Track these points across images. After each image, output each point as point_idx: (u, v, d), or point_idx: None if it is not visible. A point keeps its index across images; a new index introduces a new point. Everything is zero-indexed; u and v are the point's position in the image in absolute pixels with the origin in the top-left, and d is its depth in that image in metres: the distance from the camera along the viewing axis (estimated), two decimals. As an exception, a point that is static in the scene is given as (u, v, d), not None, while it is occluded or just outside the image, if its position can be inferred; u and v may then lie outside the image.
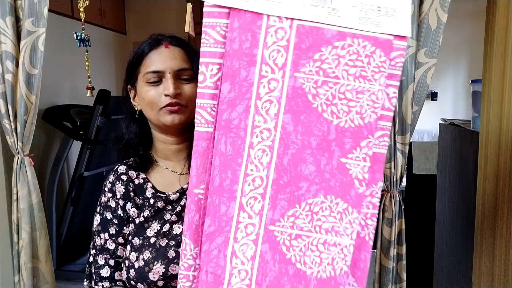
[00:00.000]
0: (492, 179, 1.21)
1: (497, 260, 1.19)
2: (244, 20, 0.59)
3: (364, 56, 0.59)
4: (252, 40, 0.59)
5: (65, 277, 2.92)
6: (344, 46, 0.59)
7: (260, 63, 0.59)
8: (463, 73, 5.03)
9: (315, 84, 0.60)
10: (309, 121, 0.60)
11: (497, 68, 1.18)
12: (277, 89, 0.60)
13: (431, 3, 1.24)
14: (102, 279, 0.91)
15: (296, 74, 0.59)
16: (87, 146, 2.86)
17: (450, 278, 1.72)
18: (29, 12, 1.50)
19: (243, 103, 0.60)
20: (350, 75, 0.60)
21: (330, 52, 0.59)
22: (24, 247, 1.66)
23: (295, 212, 0.61)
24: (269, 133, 0.60)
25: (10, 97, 1.55)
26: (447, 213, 1.76)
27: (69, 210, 2.96)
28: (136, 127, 0.95)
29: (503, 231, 1.16)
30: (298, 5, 0.58)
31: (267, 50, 0.59)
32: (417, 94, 1.31)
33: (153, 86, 0.87)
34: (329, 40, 0.59)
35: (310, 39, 0.59)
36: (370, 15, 0.59)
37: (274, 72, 0.59)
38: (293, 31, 0.59)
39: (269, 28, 0.59)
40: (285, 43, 0.59)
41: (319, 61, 0.59)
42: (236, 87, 0.60)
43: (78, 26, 1.98)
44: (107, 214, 0.93)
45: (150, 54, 0.89)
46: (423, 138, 4.85)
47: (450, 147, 1.74)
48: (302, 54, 0.59)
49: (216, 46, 0.61)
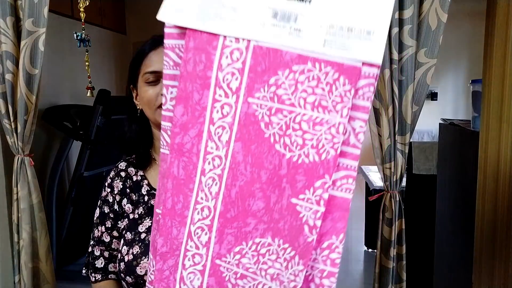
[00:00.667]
0: (492, 179, 1.21)
1: (497, 260, 1.19)
2: (199, 41, 0.55)
3: (325, 84, 0.52)
4: (207, 61, 0.55)
5: (65, 277, 2.92)
6: (303, 70, 0.52)
7: (214, 86, 0.55)
8: (463, 73, 5.04)
9: (269, 111, 0.54)
10: (260, 152, 0.55)
11: (497, 68, 1.18)
12: (230, 115, 0.55)
13: (431, 3, 1.24)
14: (97, 270, 0.98)
15: (250, 99, 0.54)
16: (87, 146, 2.86)
17: (450, 278, 1.72)
18: (29, 12, 1.50)
19: (196, 127, 0.56)
20: (308, 103, 0.53)
21: (287, 77, 0.53)
22: (24, 247, 1.66)
23: (242, 250, 0.57)
24: (220, 161, 0.56)
25: (10, 97, 1.55)
26: (447, 213, 1.76)
27: (69, 210, 2.96)
28: (136, 126, 0.98)
29: (503, 231, 1.16)
30: (257, 25, 0.53)
31: (221, 72, 0.55)
32: (417, 94, 1.31)
33: (152, 86, 0.89)
34: (287, 63, 0.53)
35: (267, 62, 0.53)
36: (339, 37, 0.52)
37: (228, 96, 0.55)
38: (250, 52, 0.54)
39: (224, 48, 0.54)
40: (240, 65, 0.54)
41: (275, 86, 0.53)
42: (189, 110, 0.56)
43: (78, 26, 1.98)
44: (105, 208, 0.98)
45: (149, 54, 0.92)
46: (423, 138, 4.85)
47: (450, 147, 1.74)
48: (257, 78, 0.54)
49: (175, 68, 0.58)
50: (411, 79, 1.29)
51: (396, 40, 1.26)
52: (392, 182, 1.37)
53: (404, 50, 1.27)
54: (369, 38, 0.52)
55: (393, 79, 1.28)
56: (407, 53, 1.27)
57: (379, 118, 1.34)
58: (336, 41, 0.52)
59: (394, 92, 1.29)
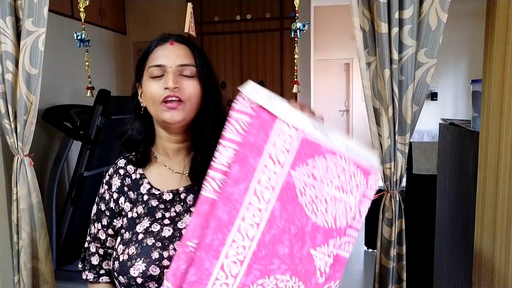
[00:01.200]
0: (492, 179, 1.21)
1: (497, 260, 1.19)
2: (263, 121, 0.72)
3: (347, 173, 0.72)
4: (265, 138, 0.72)
5: (65, 277, 2.92)
6: (333, 160, 0.72)
7: (266, 156, 0.72)
8: (463, 73, 5.04)
9: (305, 184, 0.72)
10: (293, 211, 0.71)
11: (497, 68, 1.18)
12: (274, 180, 0.71)
13: (431, 3, 1.24)
14: (91, 268, 0.98)
15: (292, 171, 0.72)
16: (87, 146, 2.86)
17: (450, 278, 1.72)
18: (29, 12, 1.50)
19: (245, 183, 0.71)
20: (333, 184, 0.72)
21: (321, 162, 0.72)
22: (24, 247, 1.66)
23: (264, 283, 0.71)
24: (260, 212, 0.71)
25: (10, 97, 1.55)
26: (447, 213, 1.76)
27: (69, 210, 2.96)
28: (139, 124, 0.97)
29: (503, 231, 1.16)
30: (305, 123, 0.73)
31: (274, 148, 0.72)
32: (417, 94, 1.31)
33: (155, 81, 0.89)
34: (323, 152, 0.72)
35: (308, 149, 0.72)
36: (354, 150, 0.75)
37: (275, 166, 0.72)
38: (298, 139, 0.72)
39: (280, 131, 0.72)
40: (289, 146, 0.72)
41: (312, 167, 0.72)
42: (243, 170, 0.71)
43: (78, 26, 1.98)
44: (102, 205, 0.98)
45: (155, 50, 0.92)
46: (423, 138, 4.85)
47: (450, 147, 1.74)
48: (300, 158, 0.72)
49: (236, 135, 0.73)
50: (411, 79, 1.28)
51: (396, 40, 1.26)
52: (392, 182, 1.37)
53: (404, 50, 1.27)
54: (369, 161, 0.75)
55: (393, 79, 1.28)
56: (407, 53, 1.27)
57: (379, 118, 1.34)
58: (353, 151, 0.74)
59: (394, 92, 1.29)
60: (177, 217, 0.91)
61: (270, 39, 4.12)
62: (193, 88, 0.89)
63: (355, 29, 1.30)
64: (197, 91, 0.90)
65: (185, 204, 0.93)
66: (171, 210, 0.92)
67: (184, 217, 0.91)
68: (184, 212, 0.91)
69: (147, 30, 4.45)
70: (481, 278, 1.27)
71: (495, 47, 1.18)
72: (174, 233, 0.88)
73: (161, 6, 4.35)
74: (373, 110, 1.35)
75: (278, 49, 4.13)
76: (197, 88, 0.90)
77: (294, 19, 1.52)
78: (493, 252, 1.21)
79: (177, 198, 0.93)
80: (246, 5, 4.11)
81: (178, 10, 4.25)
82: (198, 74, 0.91)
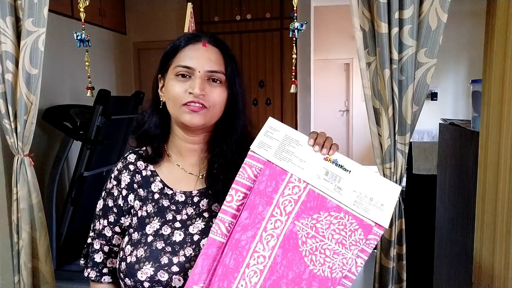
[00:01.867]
0: (492, 179, 1.21)
1: (497, 260, 1.19)
2: (273, 171, 0.79)
3: (348, 230, 0.77)
4: (275, 187, 0.78)
5: (65, 277, 2.92)
6: (337, 217, 0.77)
7: (274, 205, 0.77)
8: (463, 73, 5.03)
9: (307, 235, 0.77)
10: (293, 259, 0.76)
11: (497, 68, 1.18)
12: (279, 228, 0.77)
13: (431, 3, 1.24)
14: (94, 265, 0.94)
15: (296, 222, 0.77)
16: (87, 146, 2.86)
17: (450, 278, 1.71)
18: (29, 12, 1.50)
19: (252, 230, 0.76)
20: (334, 239, 0.77)
21: (325, 217, 0.77)
22: (24, 247, 1.66)
23: None
24: (264, 259, 0.76)
25: (10, 97, 1.55)
26: (447, 213, 1.76)
27: (69, 210, 2.96)
28: (157, 118, 0.93)
29: (503, 231, 1.16)
30: (315, 175, 0.79)
31: (282, 197, 0.78)
32: (417, 94, 1.31)
33: (181, 81, 0.85)
34: (328, 208, 0.78)
35: (315, 202, 0.78)
36: (364, 202, 0.78)
37: (281, 215, 0.77)
38: (305, 192, 0.78)
39: (289, 183, 0.78)
40: (296, 197, 0.78)
41: (315, 220, 0.77)
42: (252, 216, 0.77)
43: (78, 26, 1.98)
44: (109, 202, 0.93)
45: (186, 48, 0.87)
46: (423, 138, 4.85)
47: (450, 147, 1.74)
48: (305, 210, 0.77)
49: (248, 180, 0.80)
50: (411, 79, 1.28)
51: (396, 40, 1.26)
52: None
53: (404, 50, 1.27)
54: (382, 208, 0.78)
55: (393, 79, 1.28)
56: (407, 53, 1.27)
57: (379, 118, 1.34)
58: (362, 204, 0.78)
59: (394, 92, 1.29)
60: (189, 221, 0.88)
61: (270, 39, 4.12)
62: (218, 96, 0.87)
63: (355, 29, 1.30)
64: (222, 99, 0.88)
65: (198, 208, 0.90)
66: (183, 212, 0.89)
67: (196, 222, 0.88)
68: (196, 216, 0.89)
69: (147, 30, 4.45)
70: (481, 278, 1.27)
71: (495, 47, 1.18)
72: (185, 238, 0.86)
73: (161, 6, 4.35)
74: (373, 110, 1.35)
75: (278, 49, 4.12)
76: (223, 96, 0.88)
77: (294, 19, 1.52)
78: (493, 252, 1.21)
79: (190, 200, 0.90)
80: (246, 5, 4.11)
81: (178, 10, 4.25)
82: (226, 81, 0.88)
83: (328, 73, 6.30)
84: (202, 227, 0.87)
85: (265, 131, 0.82)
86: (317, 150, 0.81)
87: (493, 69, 1.19)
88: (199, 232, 0.87)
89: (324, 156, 0.81)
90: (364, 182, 0.80)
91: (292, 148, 0.81)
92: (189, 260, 0.83)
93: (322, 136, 0.83)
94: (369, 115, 1.36)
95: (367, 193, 0.79)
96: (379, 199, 0.79)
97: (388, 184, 0.81)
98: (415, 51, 1.27)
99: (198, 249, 0.84)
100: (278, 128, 0.83)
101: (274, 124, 0.83)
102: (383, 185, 0.80)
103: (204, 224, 0.88)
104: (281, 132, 0.82)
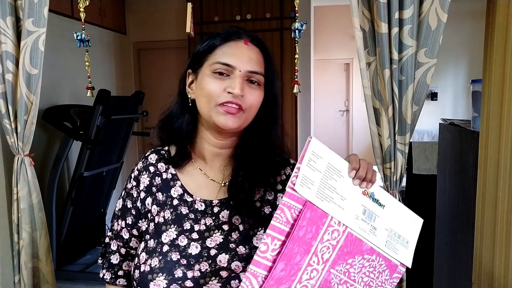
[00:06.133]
0: (492, 179, 1.21)
1: (497, 260, 1.19)
2: (314, 214, 0.70)
3: (377, 271, 0.76)
4: (315, 233, 0.71)
5: (65, 277, 2.92)
6: (369, 259, 0.76)
7: (312, 253, 0.71)
8: (463, 73, 5.03)
9: (339, 281, 0.74)
10: None
11: (497, 68, 1.18)
12: (314, 278, 0.71)
13: (431, 3, 1.24)
14: (110, 267, 0.91)
15: (331, 270, 0.73)
16: (87, 146, 2.86)
17: (450, 278, 1.72)
18: (29, 12, 1.50)
19: (287, 284, 0.69)
20: (363, 281, 0.76)
21: (359, 261, 0.75)
22: (24, 247, 1.66)
23: None
24: None
25: (10, 97, 1.55)
26: (447, 213, 1.76)
27: (69, 210, 2.96)
28: (189, 117, 0.86)
29: (503, 231, 1.16)
30: (353, 216, 0.74)
31: (321, 244, 0.71)
32: (417, 94, 1.31)
33: (218, 79, 0.79)
34: (363, 252, 0.75)
35: (351, 247, 0.74)
36: (393, 241, 0.78)
37: (318, 264, 0.72)
38: (344, 235, 0.73)
39: (329, 227, 0.72)
40: (335, 243, 0.72)
41: (349, 265, 0.74)
42: (288, 268, 0.69)
43: (78, 26, 1.98)
44: (128, 202, 0.89)
45: (226, 44, 0.82)
46: (423, 138, 4.85)
47: (450, 147, 1.74)
48: (342, 255, 0.73)
49: (286, 225, 0.69)
50: (411, 79, 1.28)
51: (396, 40, 1.26)
52: (392, 182, 1.37)
53: (404, 50, 1.27)
54: (407, 246, 0.80)
55: (393, 79, 1.28)
56: (407, 53, 1.27)
57: (379, 118, 1.34)
58: (392, 244, 0.78)
59: (394, 92, 1.29)
60: (207, 232, 0.83)
61: (270, 39, 4.12)
62: (256, 98, 0.82)
63: (355, 29, 1.30)
64: (259, 102, 0.83)
65: (217, 219, 0.84)
66: (201, 222, 0.83)
67: (214, 234, 0.82)
68: (215, 228, 0.83)
69: (147, 30, 4.45)
70: (481, 278, 1.27)
71: (495, 47, 1.18)
72: (202, 251, 0.80)
73: (161, 6, 4.35)
74: (373, 110, 1.35)
75: (278, 49, 4.12)
76: (259, 99, 0.83)
77: (294, 19, 1.52)
78: (492, 252, 1.21)
79: (209, 210, 0.85)
80: (246, 5, 4.11)
81: (178, 10, 4.25)
82: (265, 83, 0.83)
83: (328, 73, 6.30)
84: (220, 241, 0.82)
85: (308, 159, 0.70)
86: (357, 184, 0.74)
87: (493, 69, 1.19)
88: (217, 246, 0.81)
89: (363, 190, 0.75)
90: (394, 217, 0.78)
91: (334, 181, 0.72)
92: (204, 276, 0.78)
93: (364, 167, 0.75)
94: (369, 115, 1.36)
95: (396, 230, 0.78)
96: (405, 236, 0.79)
97: (412, 217, 0.81)
98: (415, 51, 1.27)
99: (214, 264, 0.79)
100: (321, 154, 0.71)
101: (317, 149, 0.71)
102: (408, 218, 0.80)
103: (223, 238, 0.82)
104: (324, 159, 0.71)
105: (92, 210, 3.22)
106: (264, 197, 0.87)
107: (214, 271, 0.78)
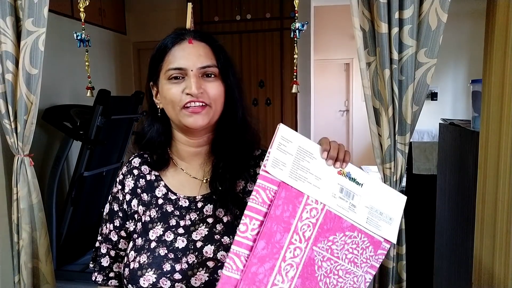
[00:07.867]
0: (492, 179, 1.21)
1: (497, 260, 1.19)
2: (290, 194, 0.73)
3: (360, 248, 0.77)
4: (292, 211, 0.73)
5: (65, 277, 2.92)
6: (351, 236, 0.77)
7: (292, 231, 0.73)
8: (463, 73, 5.03)
9: (323, 258, 0.75)
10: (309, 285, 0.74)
11: (497, 68, 1.18)
12: (298, 256, 0.73)
13: (431, 3, 1.24)
14: (101, 269, 0.94)
15: (314, 247, 0.74)
16: (87, 146, 2.86)
17: (450, 278, 1.72)
18: (29, 12, 1.50)
19: (270, 262, 0.71)
20: (347, 258, 0.77)
21: (340, 238, 0.76)
22: (24, 247, 1.66)
23: None
24: None
25: (10, 97, 1.55)
26: (447, 213, 1.76)
27: (69, 210, 2.96)
28: (159, 126, 0.91)
29: (503, 231, 1.16)
30: (330, 194, 0.75)
31: (300, 222, 0.73)
32: (417, 94, 1.31)
33: (175, 84, 0.83)
34: (343, 228, 0.76)
35: (331, 224, 0.75)
36: (375, 218, 0.78)
37: (301, 242, 0.73)
38: (323, 213, 0.75)
39: (306, 205, 0.74)
40: (314, 220, 0.74)
41: (331, 242, 0.76)
42: (269, 246, 0.71)
43: (78, 26, 1.98)
44: (115, 206, 0.93)
45: (172, 49, 0.84)
46: (423, 138, 4.85)
47: (450, 147, 1.74)
48: (323, 233, 0.75)
49: (263, 205, 0.72)
50: (411, 79, 1.28)
51: (396, 40, 1.26)
52: (392, 182, 1.37)
53: (404, 50, 1.27)
54: (390, 223, 0.79)
55: (393, 79, 1.28)
56: (407, 53, 1.27)
57: (379, 118, 1.34)
58: (373, 220, 0.78)
59: (394, 92, 1.29)
60: (192, 226, 0.86)
61: (270, 39, 4.12)
62: (216, 90, 0.84)
63: (355, 29, 1.30)
64: (221, 92, 0.85)
65: (202, 213, 0.87)
66: (186, 218, 0.87)
67: (200, 228, 0.86)
68: (199, 222, 0.86)
69: (147, 30, 4.45)
70: (481, 278, 1.27)
71: (495, 47, 1.18)
72: (188, 245, 0.84)
73: (161, 6, 4.35)
74: (373, 110, 1.35)
75: (278, 49, 4.12)
76: (220, 89, 0.85)
77: (294, 19, 1.52)
78: (493, 252, 1.21)
79: (193, 206, 0.88)
80: (246, 5, 4.11)
81: (178, 10, 4.25)
82: (220, 74, 0.85)
83: (328, 73, 6.30)
84: (205, 233, 0.85)
85: (278, 143, 0.73)
86: (331, 164, 0.76)
87: (493, 69, 1.19)
88: (202, 238, 0.84)
89: (338, 170, 0.77)
90: (374, 195, 0.79)
91: (307, 163, 0.74)
92: (192, 267, 0.81)
93: (335, 147, 0.77)
94: (369, 115, 1.36)
95: (377, 208, 0.78)
96: (388, 213, 0.79)
97: (395, 195, 0.81)
98: (415, 51, 1.27)
99: (201, 256, 0.82)
100: (291, 138, 0.74)
101: (286, 134, 0.74)
102: (390, 196, 0.80)
103: (208, 230, 0.85)
104: (294, 143, 0.74)
105: (92, 210, 3.22)
106: (246, 189, 0.90)
107: (201, 262, 0.81)
